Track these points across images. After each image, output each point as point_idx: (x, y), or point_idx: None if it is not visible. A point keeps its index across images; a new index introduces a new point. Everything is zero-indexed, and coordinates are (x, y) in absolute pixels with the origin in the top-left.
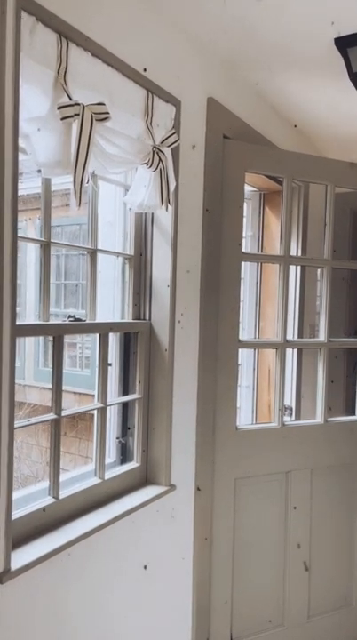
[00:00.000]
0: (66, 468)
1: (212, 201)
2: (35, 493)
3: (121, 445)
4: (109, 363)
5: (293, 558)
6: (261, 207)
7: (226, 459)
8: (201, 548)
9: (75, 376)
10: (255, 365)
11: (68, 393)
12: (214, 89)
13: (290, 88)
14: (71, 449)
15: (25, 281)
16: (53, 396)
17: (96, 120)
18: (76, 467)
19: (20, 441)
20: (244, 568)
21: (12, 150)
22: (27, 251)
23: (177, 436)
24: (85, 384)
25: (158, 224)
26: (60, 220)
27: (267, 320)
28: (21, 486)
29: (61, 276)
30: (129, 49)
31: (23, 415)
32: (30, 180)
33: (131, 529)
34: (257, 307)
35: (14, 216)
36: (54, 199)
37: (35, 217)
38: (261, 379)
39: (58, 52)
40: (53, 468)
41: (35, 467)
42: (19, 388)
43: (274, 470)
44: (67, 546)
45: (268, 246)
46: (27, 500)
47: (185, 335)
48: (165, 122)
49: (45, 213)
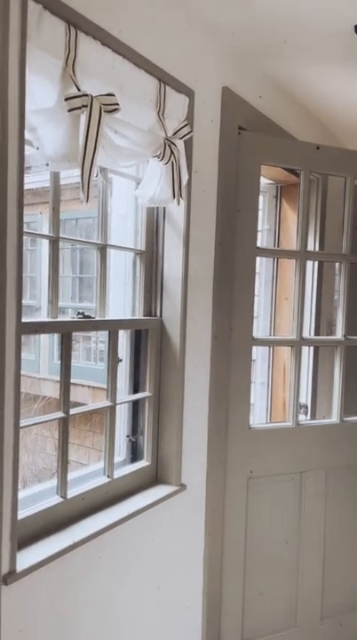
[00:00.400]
0: (80, 461)
1: (227, 194)
2: (43, 492)
3: (131, 444)
4: (120, 359)
5: (306, 559)
6: (278, 200)
7: (239, 458)
8: (212, 549)
9: (89, 370)
10: (270, 361)
11: (83, 387)
12: (229, 78)
13: (308, 77)
14: (85, 442)
15: (40, 274)
16: (61, 393)
17: (105, 111)
18: (91, 460)
19: (35, 434)
20: (256, 568)
21: (18, 143)
22: (42, 243)
23: (188, 434)
24: (99, 378)
25: (170, 218)
26: (74, 214)
27: (283, 316)
28: (36, 479)
29: (77, 270)
30: (140, 37)
31: (37, 408)
32: (44, 173)
33: (140, 529)
34: (272, 302)
35: (20, 210)
36: (69, 192)
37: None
38: (276, 375)
39: (66, 41)
40: (61, 468)
41: (49, 459)
42: (34, 381)
43: (288, 470)
44: (74, 547)
45: (285, 240)
46: (35, 499)
47: (197, 332)
48: (178, 113)
49: (54, 208)
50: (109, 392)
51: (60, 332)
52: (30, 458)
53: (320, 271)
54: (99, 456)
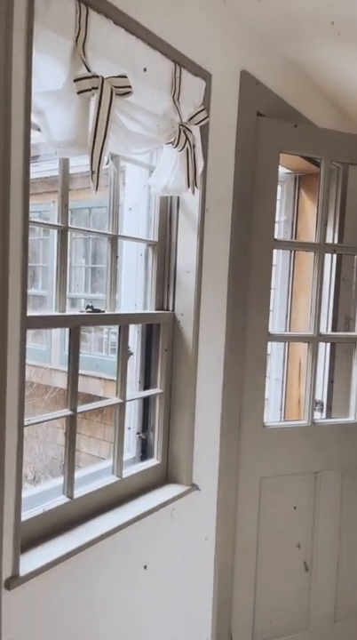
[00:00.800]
0: (91, 452)
1: (244, 184)
2: (49, 491)
3: (141, 441)
4: (130, 352)
5: (320, 561)
6: (296, 190)
7: (252, 457)
8: (223, 550)
9: (101, 361)
10: (285, 356)
11: (94, 378)
12: (248, 61)
13: (331, 61)
14: (96, 433)
15: (52, 264)
16: (69, 390)
17: (116, 94)
18: (101, 452)
19: (46, 424)
20: (268, 570)
21: (24, 128)
22: (55, 233)
23: (200, 432)
24: (111, 369)
25: (184, 208)
26: (88, 203)
27: (300, 310)
28: (47, 469)
29: (89, 260)
30: (155, 16)
31: (48, 399)
32: (56, 161)
33: (150, 531)
34: (288, 296)
35: (25, 199)
36: (81, 180)
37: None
38: (292, 370)
39: (76, 20)
40: (68, 466)
41: (60, 449)
42: (46, 371)
43: (303, 470)
44: (80, 549)
45: (303, 232)
46: (40, 498)
47: (210, 327)
48: (194, 97)
49: (63, 196)
50: (119, 388)
51: (68, 326)
52: (41, 448)
53: (338, 264)
54: (110, 448)
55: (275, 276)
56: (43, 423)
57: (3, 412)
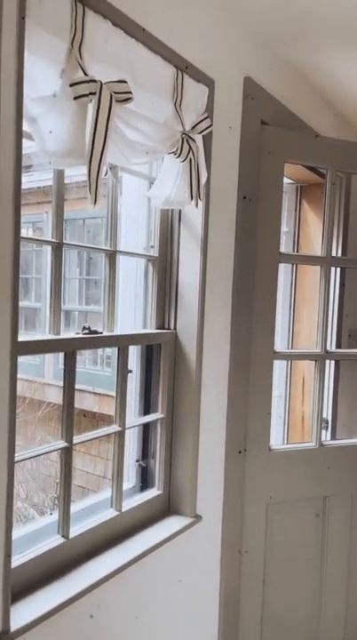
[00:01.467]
0: (85, 469)
1: (247, 195)
2: (42, 530)
3: (141, 469)
4: (130, 370)
5: (329, 588)
6: (298, 201)
7: (258, 482)
8: (228, 582)
9: (95, 375)
10: (288, 372)
11: (88, 393)
12: (251, 67)
13: (336, 68)
14: (91, 450)
15: (46, 275)
16: (63, 420)
17: (116, 101)
18: (96, 468)
19: (40, 440)
20: (276, 599)
21: (15, 137)
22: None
23: (203, 458)
24: (106, 384)
25: (186, 221)
26: (81, 213)
27: (302, 322)
28: (39, 488)
29: (83, 271)
30: (156, 19)
31: (41, 415)
32: (50, 171)
33: (152, 570)
34: (291, 309)
35: (17, 216)
36: (75, 190)
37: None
38: (294, 387)
39: (72, 20)
40: (64, 503)
41: (54, 466)
42: (39, 386)
43: (311, 495)
44: (77, 597)
45: (305, 243)
46: (33, 538)
47: (214, 347)
48: (196, 104)
49: (57, 210)
50: (118, 415)
51: (63, 350)
52: (34, 465)
53: (342, 278)
54: (106, 464)
55: (278, 288)
56: (37, 440)
57: None
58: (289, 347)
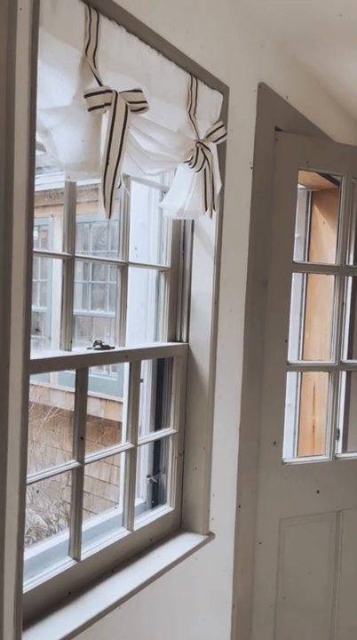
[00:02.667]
0: (91, 474)
1: (261, 204)
2: (52, 551)
3: (152, 485)
4: (141, 379)
5: (344, 604)
6: (309, 207)
7: (271, 497)
8: (241, 599)
9: (101, 381)
10: (298, 382)
11: (94, 399)
12: (266, 73)
13: (352, 74)
14: (105, 459)
15: (51, 279)
16: (74, 439)
17: (131, 110)
18: (102, 474)
19: (45, 445)
20: (289, 618)
21: (28, 150)
22: (54, 244)
23: (216, 474)
24: (112, 389)
25: (199, 231)
26: (88, 217)
27: (313, 331)
28: (46, 494)
29: (89, 275)
30: (170, 25)
31: (47, 420)
32: (56, 174)
33: (164, 592)
34: (301, 316)
35: (29, 231)
36: (84, 194)
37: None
38: (305, 396)
39: (86, 27)
40: (75, 525)
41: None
42: (44, 390)
43: (324, 509)
44: (89, 623)
45: (316, 250)
46: (44, 560)
47: (227, 360)
48: (210, 112)
49: (69, 221)
50: (130, 432)
51: (75, 367)
52: (39, 469)
53: (354, 286)
54: (111, 470)
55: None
56: (42, 444)
57: (4, 471)
58: (300, 355)
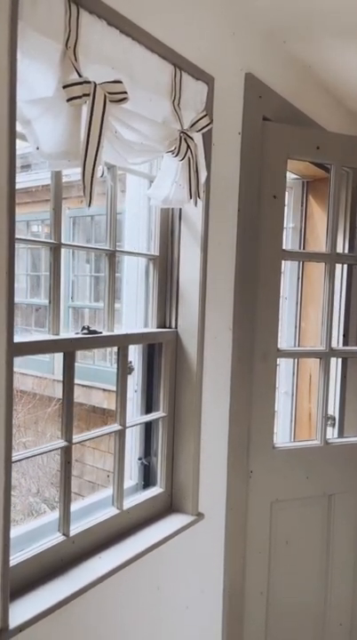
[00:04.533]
0: (95, 464)
1: (249, 193)
2: (42, 528)
3: (144, 467)
4: (132, 367)
5: (336, 588)
6: (304, 196)
7: (262, 480)
8: (232, 581)
9: (104, 372)
10: (295, 369)
11: (97, 390)
12: (253, 64)
13: (340, 61)
14: (100, 445)
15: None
16: (63, 418)
17: (111, 101)
18: (106, 464)
19: (50, 435)
20: (281, 599)
21: (8, 141)
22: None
23: (206, 456)
24: (114, 380)
25: (186, 220)
26: (89, 210)
27: (309, 320)
28: (49, 483)
29: (93, 268)
30: (152, 17)
31: (51, 411)
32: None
33: (153, 568)
34: (297, 305)
35: (11, 217)
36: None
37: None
38: (301, 384)
39: (66, 20)
40: (64, 501)
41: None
42: (49, 382)
43: (316, 493)
44: (77, 594)
45: (312, 239)
46: (33, 536)
47: (216, 345)
48: (195, 102)
49: (55, 210)
50: (118, 414)
51: (61, 351)
52: (44, 460)
53: (349, 274)
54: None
55: (283, 285)
56: (47, 435)
57: None
58: (297, 344)
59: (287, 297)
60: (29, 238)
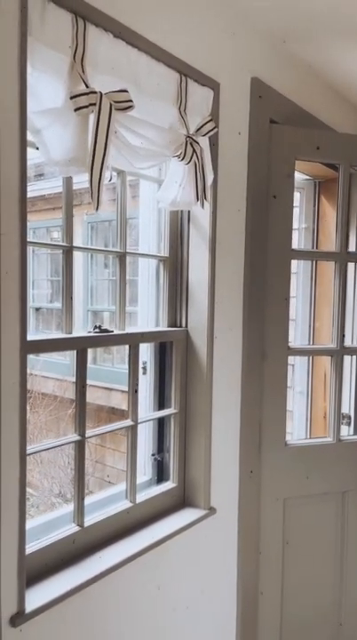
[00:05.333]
0: (116, 466)
1: (257, 194)
2: (58, 520)
3: (157, 463)
4: (143, 365)
5: (350, 585)
6: (316, 197)
7: (274, 477)
8: (246, 576)
9: (123, 374)
10: (309, 368)
11: (117, 391)
12: (259, 68)
13: (348, 62)
14: (121, 447)
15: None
16: (76, 414)
17: (116, 109)
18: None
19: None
20: (295, 596)
21: (20, 149)
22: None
23: (218, 453)
24: None
25: (195, 222)
26: (108, 215)
27: (323, 320)
28: (71, 484)
29: (111, 273)
30: (157, 27)
31: (72, 413)
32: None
33: (165, 559)
34: (311, 305)
35: (22, 220)
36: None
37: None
38: (316, 383)
39: (73, 35)
40: (78, 493)
41: (88, 462)
42: (69, 384)
43: (329, 490)
44: (90, 582)
45: (324, 239)
46: (49, 527)
47: (226, 343)
48: (201, 108)
49: (67, 215)
50: (130, 410)
51: (73, 349)
52: (66, 461)
53: None
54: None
55: (297, 285)
56: (67, 431)
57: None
58: (311, 343)
59: (301, 297)
60: (40, 242)
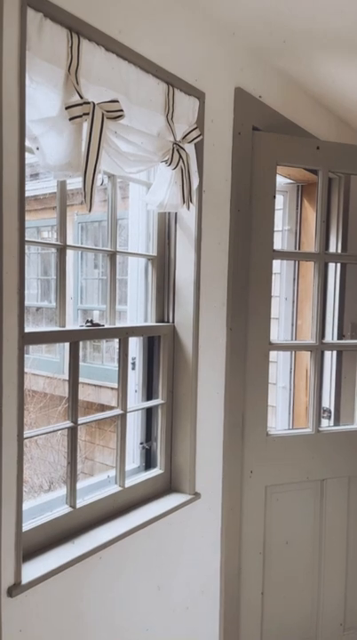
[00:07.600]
0: (105, 462)
1: (241, 197)
2: (52, 502)
3: (145, 451)
4: (133, 362)
5: (328, 569)
6: (299, 200)
7: (256, 466)
8: (228, 560)
9: (113, 372)
10: (291, 365)
11: (107, 389)
12: (242, 78)
13: (328, 73)
14: (110, 443)
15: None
16: (69, 401)
17: (108, 118)
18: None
19: (61, 434)
20: (276, 580)
21: (19, 155)
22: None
23: (202, 442)
24: None
25: (181, 223)
26: (98, 216)
27: (305, 318)
28: (61, 479)
29: (101, 272)
30: (146, 40)
31: (62, 410)
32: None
33: (151, 539)
34: (294, 303)
35: (21, 219)
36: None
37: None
38: (298, 378)
39: (68, 49)
40: (71, 476)
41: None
42: (59, 382)
43: (309, 478)
44: (82, 557)
45: (306, 241)
46: (43, 508)
47: (211, 338)
48: (188, 116)
49: (61, 215)
50: (120, 399)
51: (67, 341)
52: (56, 458)
53: (343, 272)
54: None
55: (280, 284)
56: (58, 433)
57: (0, 426)
58: (293, 340)
59: (285, 297)
60: (39, 241)
